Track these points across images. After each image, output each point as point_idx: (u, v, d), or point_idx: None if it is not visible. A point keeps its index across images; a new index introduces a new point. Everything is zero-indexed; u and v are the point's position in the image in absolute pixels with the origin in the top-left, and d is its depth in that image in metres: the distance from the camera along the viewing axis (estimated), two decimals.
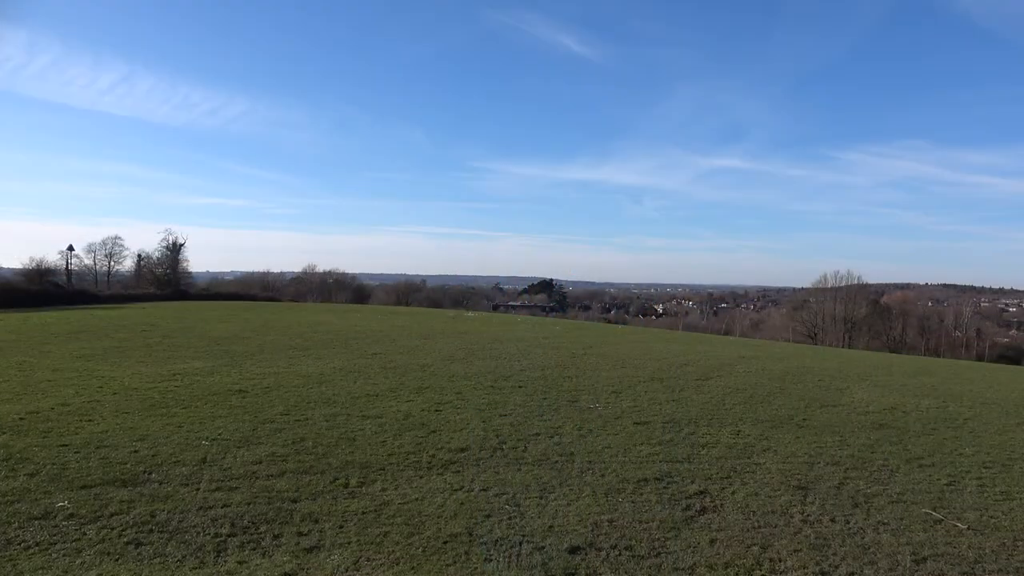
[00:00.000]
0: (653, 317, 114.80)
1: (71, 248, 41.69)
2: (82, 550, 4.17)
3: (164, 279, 45.35)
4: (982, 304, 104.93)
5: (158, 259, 47.23)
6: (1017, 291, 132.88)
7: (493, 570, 4.15)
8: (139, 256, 47.76)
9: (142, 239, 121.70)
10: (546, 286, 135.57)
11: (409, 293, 71.21)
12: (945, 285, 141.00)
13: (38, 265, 36.98)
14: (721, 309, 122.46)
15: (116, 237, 47.20)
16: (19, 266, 37.68)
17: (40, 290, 32.31)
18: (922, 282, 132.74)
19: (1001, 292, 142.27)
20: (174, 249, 46.95)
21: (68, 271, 40.85)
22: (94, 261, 45.97)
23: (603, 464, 6.63)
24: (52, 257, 39.71)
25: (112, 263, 46.94)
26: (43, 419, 7.45)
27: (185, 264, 47.92)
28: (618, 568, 4.25)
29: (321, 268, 64.24)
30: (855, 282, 61.26)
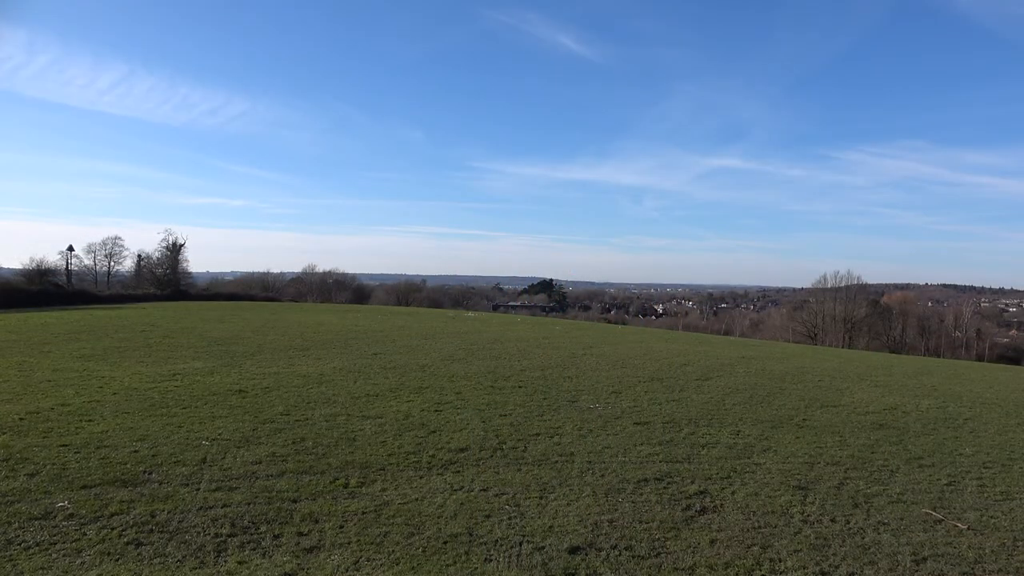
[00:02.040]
0: (653, 317, 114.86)
1: (71, 248, 41.62)
2: (82, 550, 4.17)
3: (164, 279, 45.25)
4: (982, 304, 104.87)
5: (158, 259, 47.15)
6: (1017, 291, 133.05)
7: (493, 570, 4.15)
8: (139, 256, 47.69)
9: (142, 239, 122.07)
10: (546, 286, 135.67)
11: (409, 293, 71.22)
12: (945, 285, 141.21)
13: (38, 265, 36.97)
14: (721, 309, 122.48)
15: (116, 237, 47.10)
16: (19, 266, 37.69)
17: (40, 290, 32.27)
18: (922, 282, 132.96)
19: (1001, 292, 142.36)
20: (174, 249, 46.86)
21: (68, 271, 40.77)
22: (94, 261, 45.88)
23: (603, 464, 6.63)
24: (52, 257, 39.70)
25: (112, 263, 46.84)
26: (43, 419, 7.45)
27: (185, 264, 47.84)
28: (618, 568, 4.25)
29: (321, 268, 64.26)
30: (855, 282, 61.29)
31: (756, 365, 16.04)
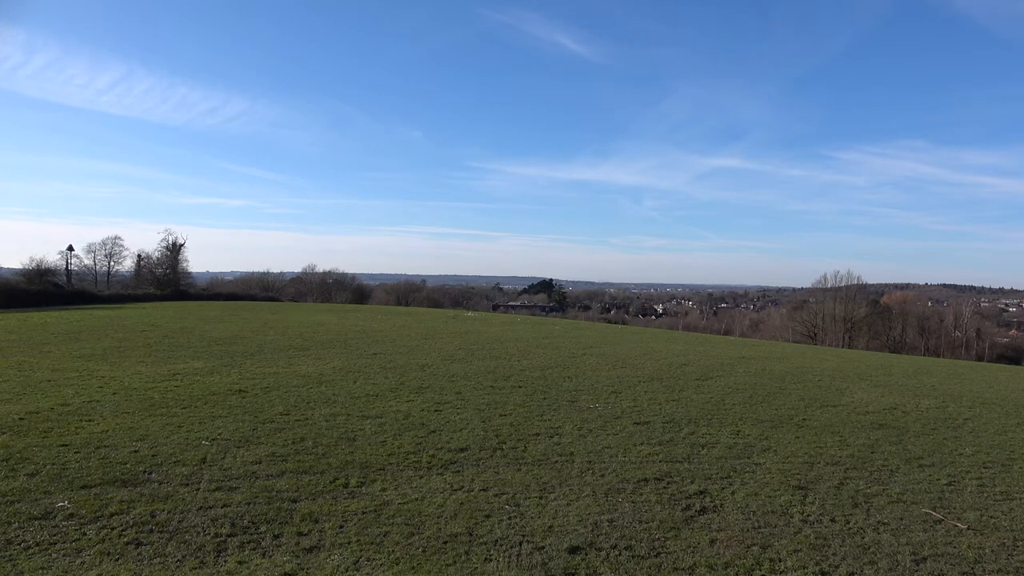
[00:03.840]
0: (653, 317, 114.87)
1: (71, 248, 41.63)
2: (82, 550, 4.17)
3: (164, 279, 45.25)
4: (982, 304, 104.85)
5: (158, 259, 47.14)
6: (1017, 291, 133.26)
7: (493, 570, 4.15)
8: (139, 256, 47.67)
9: (142, 239, 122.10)
10: (546, 286, 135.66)
11: (409, 293, 71.19)
12: (945, 285, 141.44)
13: (38, 265, 37.00)
14: (721, 309, 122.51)
15: (116, 237, 47.08)
16: (19, 266, 37.71)
17: (40, 290, 32.29)
18: (922, 282, 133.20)
19: (1001, 292, 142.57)
20: (174, 249, 46.86)
21: (68, 271, 40.79)
22: (94, 261, 45.87)
23: (603, 464, 6.63)
24: (52, 257, 39.77)
25: (112, 263, 46.81)
26: (43, 419, 7.45)
27: (185, 264, 47.84)
28: (618, 568, 4.25)
29: (321, 268, 64.16)
30: (855, 282, 61.30)
31: (756, 365, 16.04)
